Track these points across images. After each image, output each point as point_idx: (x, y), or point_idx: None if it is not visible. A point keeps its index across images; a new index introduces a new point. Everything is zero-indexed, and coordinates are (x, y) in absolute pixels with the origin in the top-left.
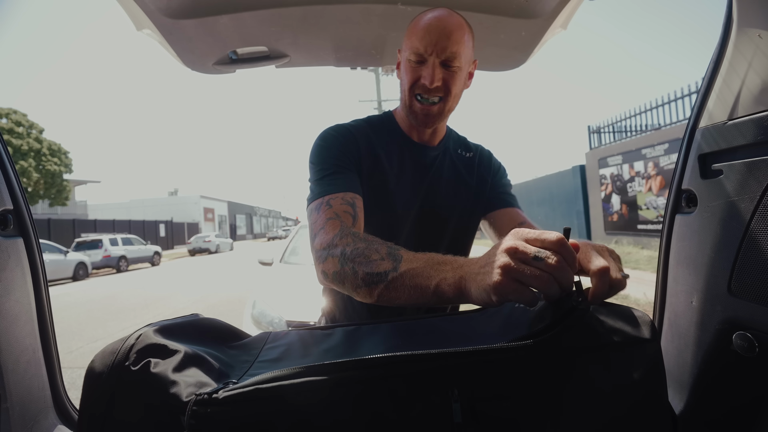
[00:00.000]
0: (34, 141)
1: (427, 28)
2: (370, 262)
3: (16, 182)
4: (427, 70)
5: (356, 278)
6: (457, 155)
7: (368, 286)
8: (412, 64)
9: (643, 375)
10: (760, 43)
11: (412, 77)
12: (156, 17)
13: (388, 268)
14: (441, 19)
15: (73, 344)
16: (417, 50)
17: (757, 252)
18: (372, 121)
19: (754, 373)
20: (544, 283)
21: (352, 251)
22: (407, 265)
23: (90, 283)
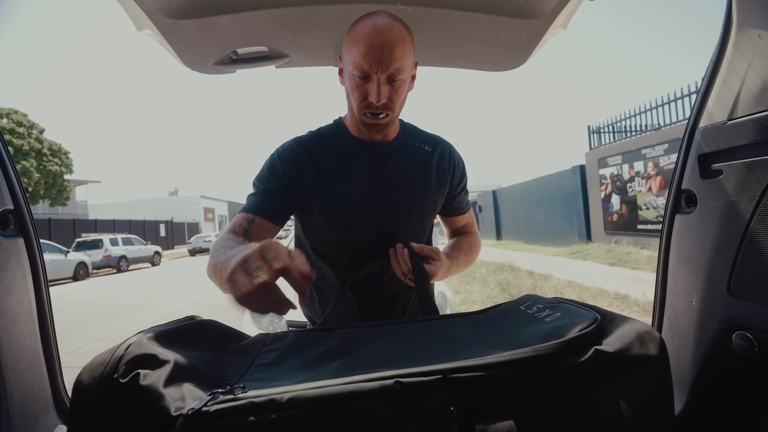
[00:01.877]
0: (35, 141)
1: (369, 45)
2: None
3: (16, 182)
4: (373, 89)
5: (209, 270)
6: (414, 148)
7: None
8: (356, 80)
9: (651, 395)
10: (760, 43)
11: (359, 95)
12: (156, 17)
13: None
14: (383, 34)
15: (74, 344)
16: (361, 67)
17: (756, 252)
18: (320, 133)
19: (753, 372)
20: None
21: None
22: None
23: (90, 283)
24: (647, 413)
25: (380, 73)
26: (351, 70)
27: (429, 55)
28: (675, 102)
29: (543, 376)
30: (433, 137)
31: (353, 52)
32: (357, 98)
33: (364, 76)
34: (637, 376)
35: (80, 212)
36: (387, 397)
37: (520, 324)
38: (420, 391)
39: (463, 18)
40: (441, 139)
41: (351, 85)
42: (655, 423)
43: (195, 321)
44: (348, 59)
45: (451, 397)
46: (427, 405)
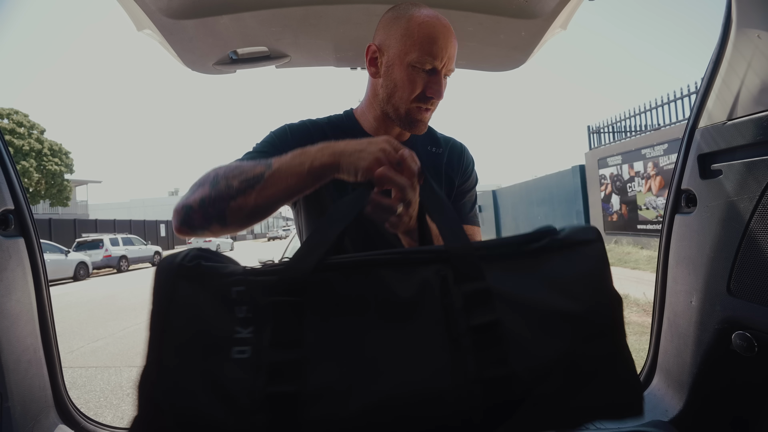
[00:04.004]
0: (35, 141)
1: (437, 37)
2: (244, 172)
3: (17, 182)
4: (437, 82)
5: (230, 190)
6: (424, 151)
7: (244, 192)
8: (418, 72)
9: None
10: (759, 43)
11: (414, 87)
12: (156, 17)
13: (263, 170)
14: (447, 27)
15: (74, 344)
16: (427, 59)
17: (756, 252)
18: (333, 121)
19: (753, 372)
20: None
21: (225, 170)
22: (279, 162)
23: (91, 283)
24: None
25: (445, 67)
26: (412, 59)
27: None
28: (675, 102)
29: (512, 256)
30: (444, 138)
31: (419, 41)
32: (410, 90)
33: (428, 68)
34: (581, 253)
35: (80, 212)
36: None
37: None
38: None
39: (463, 18)
40: (452, 140)
41: (405, 77)
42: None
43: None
44: (405, 48)
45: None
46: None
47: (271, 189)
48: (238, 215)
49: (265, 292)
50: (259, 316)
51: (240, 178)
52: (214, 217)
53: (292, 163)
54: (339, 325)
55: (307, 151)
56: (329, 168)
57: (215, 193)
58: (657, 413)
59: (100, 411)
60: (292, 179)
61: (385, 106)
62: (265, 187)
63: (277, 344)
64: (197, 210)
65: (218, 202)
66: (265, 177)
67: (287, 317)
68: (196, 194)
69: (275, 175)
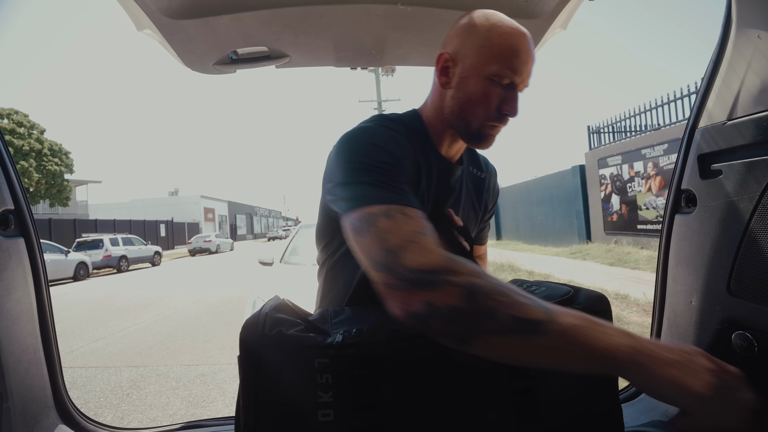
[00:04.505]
0: (35, 141)
1: (520, 48)
2: (516, 304)
3: (17, 182)
4: (513, 99)
5: (493, 320)
6: (470, 175)
7: (509, 333)
8: (495, 86)
9: None
10: (759, 43)
11: (491, 102)
12: (156, 17)
13: (542, 317)
14: (528, 40)
15: (74, 344)
16: (506, 74)
17: (756, 252)
18: (407, 124)
19: (753, 372)
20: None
21: (488, 284)
22: (565, 318)
23: (91, 283)
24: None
25: (523, 83)
26: (491, 71)
27: (429, 55)
28: (675, 102)
29: None
30: (485, 160)
31: (500, 53)
32: (485, 105)
33: (506, 82)
34: None
35: (80, 212)
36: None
37: None
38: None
39: None
40: (489, 163)
41: (481, 90)
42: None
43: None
44: (485, 60)
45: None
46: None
47: (543, 350)
48: (487, 352)
49: (345, 363)
50: (339, 383)
51: (511, 311)
52: (455, 338)
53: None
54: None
55: (599, 324)
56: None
57: (471, 312)
58: (657, 413)
59: (100, 411)
60: (575, 354)
61: (453, 120)
62: (540, 345)
63: (358, 410)
64: (442, 319)
65: (471, 326)
66: (543, 329)
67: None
68: (445, 295)
69: (557, 335)
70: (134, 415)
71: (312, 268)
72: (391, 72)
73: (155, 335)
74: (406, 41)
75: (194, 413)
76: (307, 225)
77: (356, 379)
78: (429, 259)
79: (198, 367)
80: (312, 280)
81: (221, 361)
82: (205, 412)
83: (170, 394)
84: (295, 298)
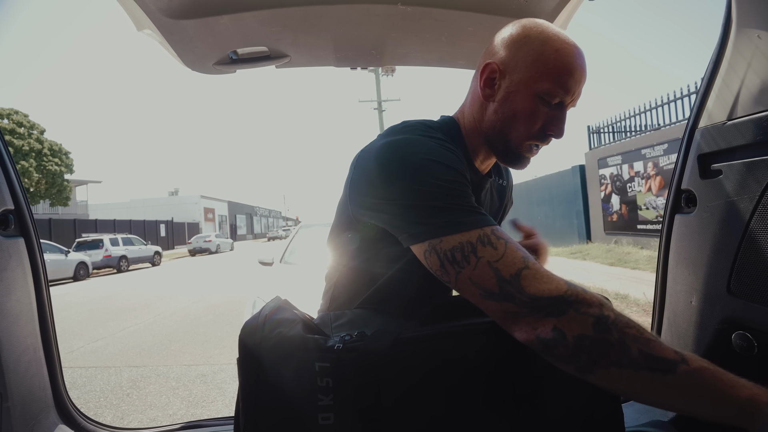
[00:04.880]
0: (35, 141)
1: (572, 69)
2: (647, 341)
3: (17, 182)
4: (561, 120)
5: (623, 354)
6: (495, 184)
7: (638, 368)
8: (544, 105)
9: None
10: (759, 43)
11: (536, 122)
12: (156, 17)
13: (676, 358)
14: (583, 58)
15: (74, 344)
16: (557, 94)
17: (756, 252)
18: (449, 135)
19: (753, 372)
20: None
21: (617, 318)
22: (697, 362)
23: (91, 283)
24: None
25: (572, 104)
26: (540, 90)
27: (429, 55)
28: (675, 102)
29: None
30: (505, 168)
31: (552, 71)
32: (530, 123)
33: (556, 102)
34: None
35: (80, 212)
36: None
37: None
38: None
39: (463, 18)
40: (508, 170)
41: (528, 108)
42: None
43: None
44: (536, 76)
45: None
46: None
47: (674, 391)
48: (607, 383)
49: (346, 367)
50: (339, 387)
51: (641, 346)
52: (578, 365)
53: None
54: (410, 394)
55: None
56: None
57: (600, 341)
58: (657, 413)
59: (100, 411)
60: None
61: (492, 135)
62: (670, 385)
63: (358, 413)
64: (570, 345)
65: (599, 356)
66: (678, 372)
67: (366, 391)
68: (574, 323)
69: (690, 378)
70: (134, 415)
71: (312, 268)
72: (391, 72)
73: (155, 335)
74: (406, 41)
75: (194, 413)
76: (307, 225)
77: (356, 383)
78: (552, 286)
79: (198, 367)
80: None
81: (221, 361)
82: (205, 412)
83: (170, 394)
84: (295, 298)
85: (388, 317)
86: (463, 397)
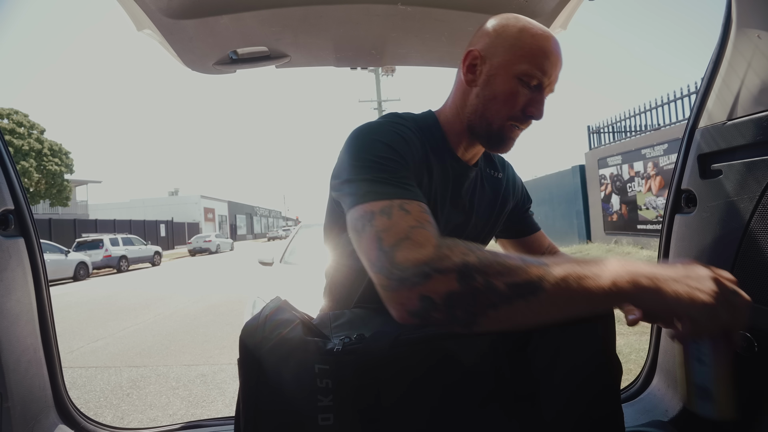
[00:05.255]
0: (35, 141)
1: (549, 52)
2: (510, 270)
3: (17, 182)
4: (539, 101)
5: (491, 294)
6: (487, 175)
7: (511, 302)
8: (523, 86)
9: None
10: (759, 43)
11: (515, 103)
12: (156, 17)
13: (539, 275)
14: (557, 44)
15: (74, 344)
16: (535, 75)
17: (756, 252)
18: (420, 124)
19: (753, 372)
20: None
21: (480, 260)
22: (561, 270)
23: (91, 283)
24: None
25: (549, 87)
26: (519, 71)
27: (429, 55)
28: (675, 102)
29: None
30: (500, 160)
31: (531, 53)
32: (510, 104)
33: (534, 83)
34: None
35: (80, 212)
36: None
37: None
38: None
39: (463, 18)
40: (507, 163)
41: (507, 90)
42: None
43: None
44: (515, 59)
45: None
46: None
47: (548, 305)
48: (495, 326)
49: (345, 369)
50: (338, 388)
51: (506, 279)
52: (461, 322)
53: (585, 275)
54: (409, 395)
55: (603, 265)
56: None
57: (468, 292)
58: (657, 413)
59: (100, 411)
60: (580, 300)
61: (474, 119)
62: (543, 302)
63: (357, 414)
64: (441, 308)
65: (472, 306)
66: (544, 288)
67: (365, 393)
68: (438, 284)
69: (558, 287)
70: (134, 415)
71: (312, 268)
72: (391, 72)
73: (155, 335)
74: (406, 41)
75: (194, 413)
76: (307, 225)
77: (356, 384)
78: (419, 253)
79: (198, 367)
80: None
81: (221, 361)
82: (205, 412)
83: (170, 394)
84: (295, 298)
85: (387, 317)
86: (462, 398)
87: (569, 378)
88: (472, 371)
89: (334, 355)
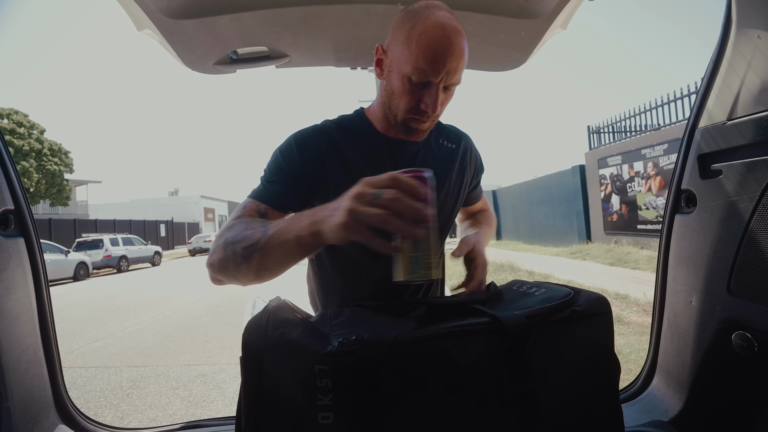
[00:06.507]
0: (35, 141)
1: (437, 51)
2: (246, 238)
3: (17, 182)
4: (430, 97)
5: (237, 257)
6: (439, 146)
7: (247, 260)
8: (410, 84)
9: (604, 332)
10: (759, 43)
11: (409, 99)
12: (156, 17)
13: (259, 237)
14: (451, 39)
15: (74, 344)
16: (423, 73)
17: (756, 252)
18: (343, 124)
19: (752, 372)
20: (383, 221)
21: (234, 235)
22: (275, 228)
23: (91, 283)
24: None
25: (442, 82)
26: (407, 71)
27: None
28: (675, 102)
29: (543, 324)
30: (455, 132)
31: (414, 54)
32: (406, 102)
33: (423, 82)
34: (595, 323)
35: (80, 212)
36: (456, 336)
37: (517, 298)
38: (474, 334)
39: (463, 18)
40: (462, 133)
41: (400, 86)
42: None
43: (284, 300)
44: (402, 58)
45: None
46: (479, 343)
47: (268, 258)
48: (248, 277)
49: (344, 370)
50: (338, 388)
51: (242, 244)
52: (233, 277)
53: (283, 231)
54: (408, 395)
55: (298, 220)
56: (313, 237)
57: (227, 258)
58: (657, 413)
59: (100, 411)
60: (282, 251)
61: (384, 109)
62: (263, 255)
63: (357, 413)
64: (219, 270)
65: (231, 266)
66: (261, 245)
67: (364, 392)
68: (215, 255)
69: (270, 244)
70: (134, 415)
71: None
72: None
73: (155, 335)
74: None
75: (194, 413)
76: None
77: (355, 384)
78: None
79: (198, 367)
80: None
81: (221, 361)
82: (205, 412)
83: (170, 394)
84: (295, 297)
85: (386, 317)
86: (461, 397)
87: (567, 376)
88: (470, 370)
89: (334, 356)
